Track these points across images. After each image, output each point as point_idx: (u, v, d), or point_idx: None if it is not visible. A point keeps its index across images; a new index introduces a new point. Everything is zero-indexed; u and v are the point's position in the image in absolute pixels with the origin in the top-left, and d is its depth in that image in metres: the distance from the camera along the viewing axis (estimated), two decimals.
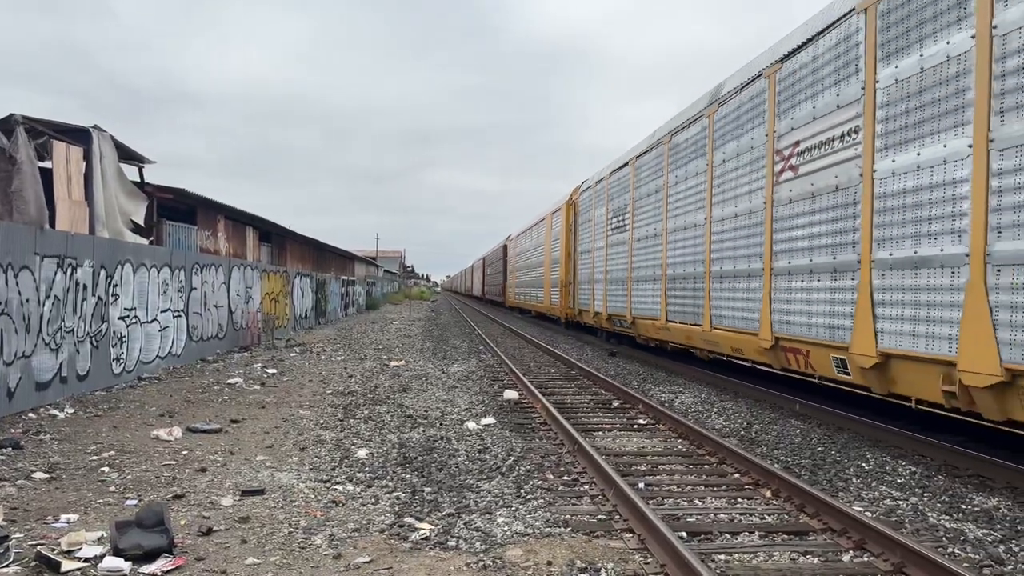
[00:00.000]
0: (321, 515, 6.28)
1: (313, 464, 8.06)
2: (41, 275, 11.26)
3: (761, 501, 6.90)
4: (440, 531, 5.88)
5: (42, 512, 6.27)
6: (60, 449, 8.61)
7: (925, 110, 7.89)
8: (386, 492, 6.99)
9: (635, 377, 15.98)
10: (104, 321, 13.34)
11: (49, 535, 5.69)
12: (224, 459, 8.25)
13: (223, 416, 10.77)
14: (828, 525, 6.06)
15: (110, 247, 13.87)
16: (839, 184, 9.39)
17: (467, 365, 18.09)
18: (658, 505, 6.68)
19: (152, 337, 15.47)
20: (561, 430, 9.64)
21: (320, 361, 18.80)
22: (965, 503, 6.82)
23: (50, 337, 11.49)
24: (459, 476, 7.57)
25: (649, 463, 8.37)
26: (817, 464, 8.26)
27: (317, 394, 13.15)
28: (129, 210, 16.78)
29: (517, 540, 5.72)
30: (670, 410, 11.36)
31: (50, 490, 6.96)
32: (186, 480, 7.35)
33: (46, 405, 11.17)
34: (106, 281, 13.41)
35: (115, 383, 13.68)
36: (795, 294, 10.49)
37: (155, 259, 15.67)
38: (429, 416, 10.95)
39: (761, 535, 5.91)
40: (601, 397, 13.18)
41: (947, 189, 7.49)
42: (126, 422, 10.33)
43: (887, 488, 7.31)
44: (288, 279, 28.48)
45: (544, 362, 19.19)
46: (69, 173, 14.39)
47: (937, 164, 7.66)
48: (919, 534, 5.98)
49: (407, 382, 14.76)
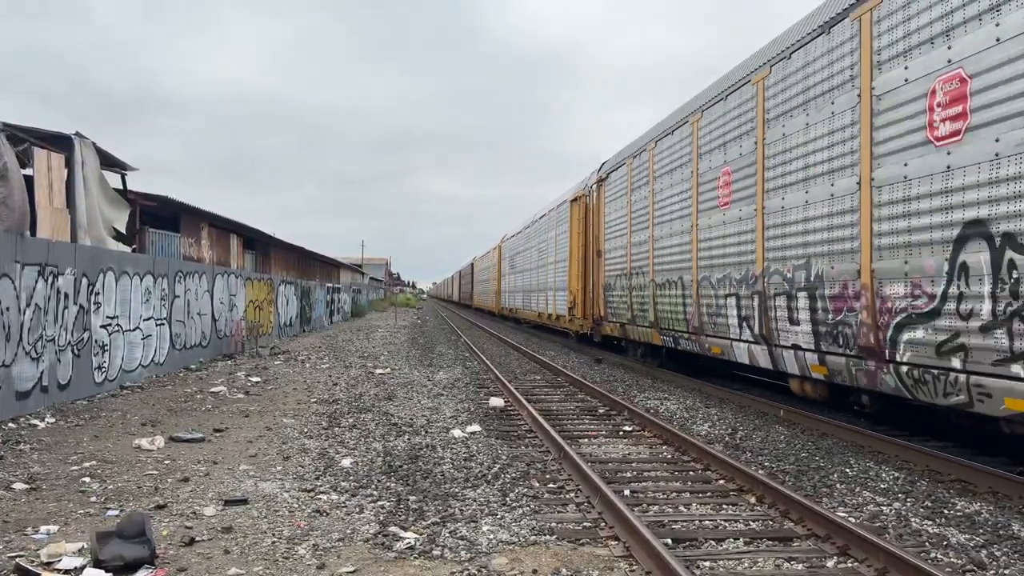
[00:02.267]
0: (305, 525, 6.23)
1: (297, 473, 8.01)
2: (22, 283, 11.15)
3: (746, 507, 6.92)
4: (425, 540, 5.85)
5: (21, 523, 6.19)
6: (40, 459, 8.51)
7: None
8: (371, 501, 6.95)
9: (621, 384, 16.00)
10: (86, 329, 13.22)
11: (28, 546, 5.62)
12: (207, 468, 8.18)
13: (206, 425, 10.69)
14: (812, 531, 6.08)
15: (92, 255, 13.76)
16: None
17: (453, 372, 18.06)
18: (643, 512, 6.68)
19: (135, 345, 15.34)
20: (547, 437, 9.63)
21: (305, 369, 18.71)
22: (948, 508, 6.87)
23: (31, 346, 11.36)
24: (444, 484, 7.55)
25: (635, 470, 8.38)
26: (801, 470, 8.29)
27: (301, 402, 13.08)
28: (111, 217, 16.66)
29: (503, 548, 5.70)
30: (655, 416, 11.38)
31: (30, 501, 6.88)
32: (168, 490, 7.28)
33: (26, 415, 11.04)
34: (88, 289, 13.30)
35: (97, 392, 13.55)
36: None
37: (138, 267, 15.55)
38: (415, 424, 10.92)
39: (746, 541, 5.92)
40: (587, 404, 13.19)
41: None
42: (108, 431, 10.23)
43: (870, 493, 7.35)
44: (272, 286, 28.35)
45: (530, 369, 19.18)
46: (51, 180, 14.28)
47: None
48: (902, 539, 6.01)
49: (392, 390, 14.72)
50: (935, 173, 7.67)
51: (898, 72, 8.25)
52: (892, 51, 8.40)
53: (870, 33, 8.76)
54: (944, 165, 7.57)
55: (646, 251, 16.82)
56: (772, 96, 11.09)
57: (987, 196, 7.03)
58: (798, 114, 10.35)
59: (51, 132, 14.82)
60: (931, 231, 7.72)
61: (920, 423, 9.94)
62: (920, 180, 7.89)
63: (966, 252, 7.26)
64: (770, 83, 11.17)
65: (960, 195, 7.35)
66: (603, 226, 20.61)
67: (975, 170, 7.17)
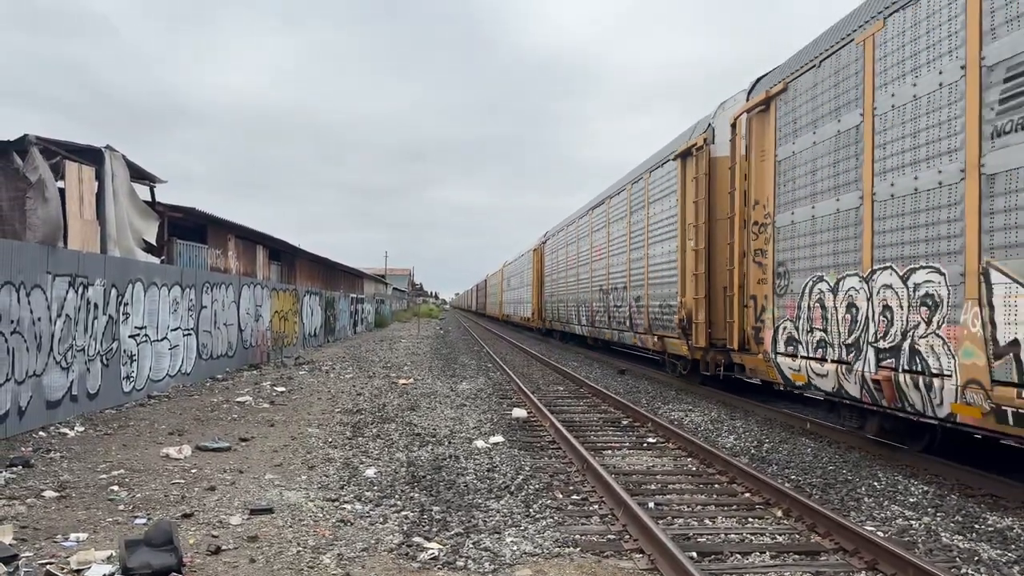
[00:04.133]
0: (329, 534, 6.26)
1: (321, 483, 8.05)
2: (53, 294, 11.34)
3: (772, 521, 6.85)
4: (449, 551, 5.85)
5: (51, 531, 6.28)
6: (70, 467, 8.63)
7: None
8: (394, 511, 6.97)
9: (644, 395, 15.92)
10: (115, 339, 13.40)
11: (58, 554, 5.70)
12: (233, 477, 8.25)
13: (232, 434, 10.78)
14: (840, 545, 6.01)
15: (121, 266, 13.96)
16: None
17: (476, 383, 18.07)
18: (668, 525, 6.64)
19: (162, 355, 15.53)
20: (570, 448, 9.60)
21: (329, 379, 18.82)
22: (979, 523, 6.75)
23: (61, 356, 11.54)
24: (468, 495, 7.55)
25: (659, 482, 8.33)
26: (828, 483, 8.20)
27: (326, 412, 13.16)
28: (141, 229, 16.91)
29: (526, 560, 5.69)
30: (680, 428, 11.30)
31: (60, 508, 6.98)
32: (195, 499, 7.35)
33: (56, 423, 11.21)
34: (117, 300, 13.49)
35: (125, 401, 13.72)
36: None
37: (166, 278, 15.76)
38: (438, 434, 10.93)
39: (772, 555, 5.86)
40: (610, 415, 13.14)
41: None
42: (136, 440, 10.35)
43: (899, 507, 7.25)
44: (297, 297, 28.58)
45: (552, 380, 19.14)
46: (81, 192, 14.52)
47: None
48: (932, 554, 5.91)
49: (416, 400, 14.75)
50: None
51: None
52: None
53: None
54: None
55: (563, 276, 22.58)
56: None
57: None
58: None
59: (82, 145, 15.09)
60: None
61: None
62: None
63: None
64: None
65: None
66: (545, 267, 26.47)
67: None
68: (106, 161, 15.42)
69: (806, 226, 10.55)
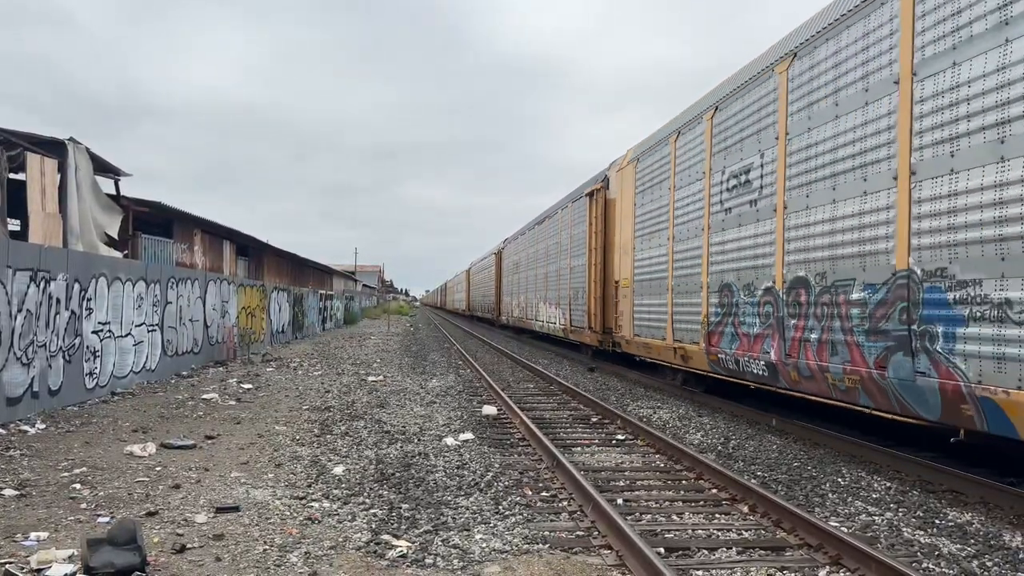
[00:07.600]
0: (297, 532, 6.21)
1: (289, 481, 7.98)
2: (13, 288, 11.10)
3: (739, 517, 6.92)
4: (417, 548, 5.83)
5: (11, 530, 6.15)
6: (30, 465, 8.46)
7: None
8: (363, 509, 6.93)
9: (614, 392, 16.00)
10: (77, 335, 13.16)
11: (18, 553, 5.58)
12: (199, 475, 8.14)
13: (198, 432, 10.64)
14: (804, 540, 6.09)
15: (84, 260, 13.71)
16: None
17: (446, 380, 18.03)
18: (636, 521, 6.68)
19: (126, 352, 15.28)
20: (540, 446, 9.62)
21: (297, 376, 18.66)
22: (939, 518, 6.89)
23: (21, 351, 11.30)
24: (437, 492, 7.53)
25: (627, 479, 8.38)
26: (793, 479, 8.31)
27: (293, 409, 13.04)
28: (104, 223, 16.62)
29: (495, 557, 5.69)
30: (649, 425, 11.38)
31: (20, 507, 6.83)
32: (160, 497, 7.24)
33: (17, 421, 10.97)
34: (80, 295, 13.24)
35: (88, 398, 13.48)
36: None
37: (130, 273, 15.50)
38: (407, 432, 10.89)
39: (739, 551, 5.92)
40: (580, 412, 13.18)
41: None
42: (99, 438, 10.17)
43: (862, 503, 7.37)
44: (265, 293, 28.28)
45: (523, 377, 19.16)
46: (43, 185, 14.24)
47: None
48: (894, 549, 6.02)
49: (385, 397, 14.68)
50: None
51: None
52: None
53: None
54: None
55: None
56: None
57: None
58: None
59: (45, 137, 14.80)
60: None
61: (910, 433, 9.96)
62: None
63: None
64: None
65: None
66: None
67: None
68: (69, 154, 15.14)
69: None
